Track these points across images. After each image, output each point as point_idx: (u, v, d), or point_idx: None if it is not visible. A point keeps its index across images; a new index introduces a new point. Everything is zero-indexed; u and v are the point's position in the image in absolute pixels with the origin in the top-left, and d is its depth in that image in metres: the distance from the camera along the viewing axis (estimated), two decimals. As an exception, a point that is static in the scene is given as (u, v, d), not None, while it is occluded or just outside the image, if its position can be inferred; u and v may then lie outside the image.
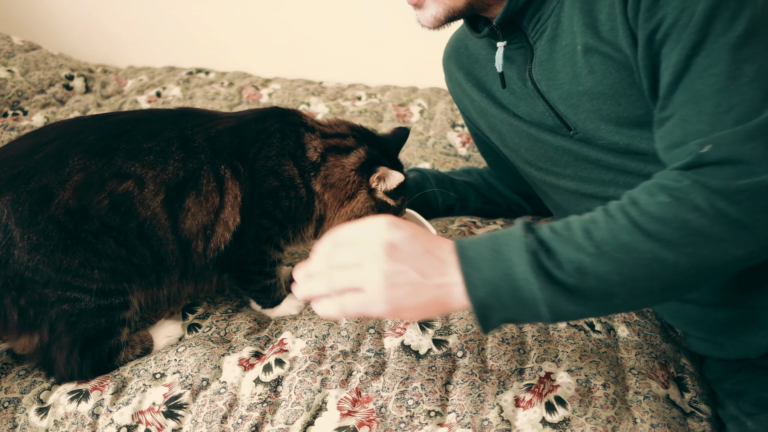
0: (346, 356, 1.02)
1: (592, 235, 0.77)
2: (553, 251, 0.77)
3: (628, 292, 0.77)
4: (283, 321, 1.12)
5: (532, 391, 0.96)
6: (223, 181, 1.06)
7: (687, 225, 0.75)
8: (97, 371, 1.03)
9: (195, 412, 0.96)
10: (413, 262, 0.79)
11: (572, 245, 0.77)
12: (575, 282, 0.76)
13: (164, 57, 2.50)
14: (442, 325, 1.07)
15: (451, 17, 1.02)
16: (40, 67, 2.16)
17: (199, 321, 1.14)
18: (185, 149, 1.04)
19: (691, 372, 1.05)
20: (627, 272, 0.76)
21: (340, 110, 2.06)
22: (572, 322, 1.09)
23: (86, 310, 0.99)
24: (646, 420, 0.92)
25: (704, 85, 0.80)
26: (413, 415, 0.93)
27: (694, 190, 0.77)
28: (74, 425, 0.96)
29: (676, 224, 0.76)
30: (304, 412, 0.94)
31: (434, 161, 1.74)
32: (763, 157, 0.76)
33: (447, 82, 1.34)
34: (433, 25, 1.02)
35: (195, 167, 1.04)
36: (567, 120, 1.04)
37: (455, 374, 0.99)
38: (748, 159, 0.76)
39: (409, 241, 0.80)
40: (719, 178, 0.76)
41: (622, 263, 0.75)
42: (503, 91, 1.15)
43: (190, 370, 1.01)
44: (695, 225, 0.75)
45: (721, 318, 0.99)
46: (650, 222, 0.76)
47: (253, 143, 1.09)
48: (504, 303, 0.77)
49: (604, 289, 0.76)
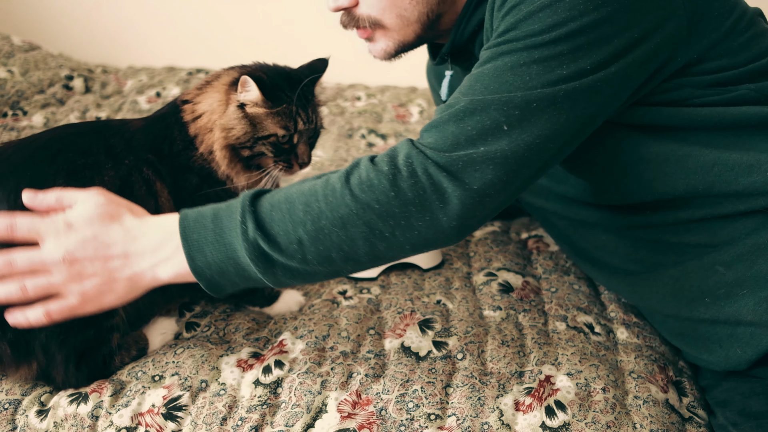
0: (346, 357, 1.02)
1: (310, 208, 0.83)
2: (272, 235, 0.83)
3: (343, 259, 0.84)
4: (282, 320, 1.12)
5: (532, 395, 0.96)
6: (151, 183, 1.05)
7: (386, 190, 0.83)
8: (94, 379, 1.03)
9: (194, 414, 0.96)
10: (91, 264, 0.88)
11: (291, 222, 0.83)
12: (296, 264, 0.84)
13: (164, 57, 2.49)
14: (442, 327, 1.07)
15: (401, 50, 1.04)
16: (40, 67, 2.15)
17: (197, 320, 1.14)
18: (113, 158, 1.03)
19: (689, 375, 1.04)
20: (328, 239, 0.83)
21: (340, 110, 2.06)
22: (571, 324, 1.09)
23: (74, 325, 0.97)
24: (645, 425, 0.92)
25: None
26: (413, 418, 0.93)
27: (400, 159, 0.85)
28: (74, 427, 0.96)
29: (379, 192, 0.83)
30: (304, 414, 0.94)
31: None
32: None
33: (432, 93, 1.38)
34: (383, 57, 1.05)
35: (125, 174, 1.03)
36: None
37: (455, 377, 0.99)
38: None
39: (84, 243, 0.88)
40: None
41: (319, 232, 0.83)
42: None
43: (188, 372, 1.01)
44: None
45: (702, 333, 0.98)
46: (359, 190, 0.83)
47: (164, 141, 1.08)
48: (231, 280, 0.87)
49: (324, 259, 0.84)
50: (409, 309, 1.11)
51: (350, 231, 0.82)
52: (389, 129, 1.95)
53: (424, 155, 0.83)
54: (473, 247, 1.31)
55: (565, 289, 1.18)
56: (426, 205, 0.81)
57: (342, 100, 2.13)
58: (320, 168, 1.73)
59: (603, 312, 1.14)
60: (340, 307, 1.13)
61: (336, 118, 2.01)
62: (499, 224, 1.40)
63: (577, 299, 1.15)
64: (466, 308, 1.12)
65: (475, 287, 1.19)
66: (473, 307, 1.12)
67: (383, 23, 1.00)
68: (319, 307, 1.14)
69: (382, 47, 1.03)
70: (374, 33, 1.02)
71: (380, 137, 1.92)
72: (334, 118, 2.00)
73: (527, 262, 1.27)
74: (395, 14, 0.98)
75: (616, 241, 1.06)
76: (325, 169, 1.71)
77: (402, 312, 1.11)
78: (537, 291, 1.18)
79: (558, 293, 1.17)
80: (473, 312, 1.11)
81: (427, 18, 0.99)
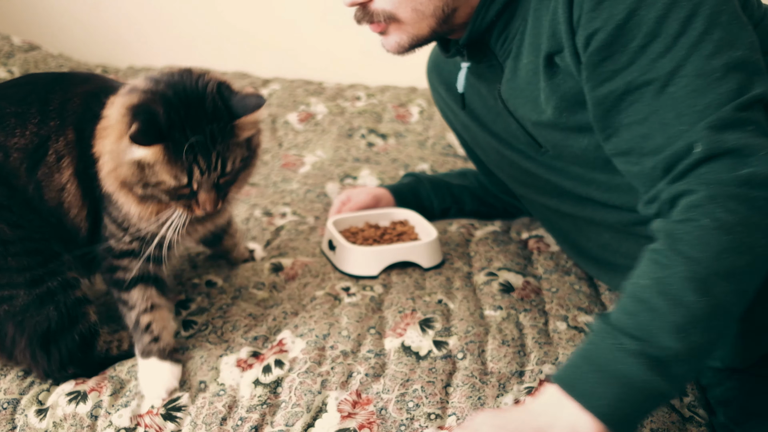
0: (347, 357, 1.02)
1: (667, 293, 0.76)
2: (650, 338, 0.75)
3: (725, 316, 0.77)
4: (282, 317, 1.12)
5: (532, 395, 0.95)
6: (60, 156, 0.95)
7: (732, 225, 0.76)
8: (80, 364, 0.99)
9: (194, 414, 0.95)
10: None
11: (660, 318, 0.75)
12: (685, 347, 0.74)
13: (164, 57, 2.49)
14: (442, 327, 1.07)
15: (415, 44, 1.04)
16: (40, 67, 2.15)
17: (195, 317, 1.13)
18: (41, 114, 0.94)
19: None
20: (719, 303, 0.75)
21: (340, 110, 2.06)
22: (572, 324, 1.09)
23: (27, 304, 0.92)
24: (646, 425, 0.92)
25: (676, 87, 0.81)
26: (413, 417, 0.92)
27: (712, 195, 0.77)
28: (73, 427, 0.96)
29: (726, 230, 0.75)
30: (304, 414, 0.94)
31: (433, 162, 1.74)
32: (746, 145, 0.77)
33: (432, 93, 1.36)
34: (397, 51, 1.04)
35: (44, 135, 0.94)
36: (536, 138, 1.06)
37: (455, 376, 0.99)
38: (736, 148, 0.77)
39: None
40: (722, 171, 0.77)
41: (709, 299, 0.75)
42: (482, 108, 1.18)
43: (188, 373, 1.01)
44: (739, 220, 0.76)
45: None
46: (702, 248, 0.76)
47: (89, 122, 0.94)
48: (637, 408, 0.76)
49: (710, 332, 0.76)
50: (410, 308, 1.11)
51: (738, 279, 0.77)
52: (389, 129, 1.95)
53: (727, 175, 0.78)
54: (474, 247, 1.31)
55: (565, 289, 1.18)
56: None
57: (342, 100, 2.13)
58: (320, 167, 1.73)
59: (604, 312, 1.13)
60: (342, 305, 1.13)
61: (336, 117, 2.01)
62: (500, 224, 1.40)
63: (578, 299, 1.15)
64: (467, 308, 1.11)
65: (475, 287, 1.19)
66: (474, 306, 1.12)
67: (398, 17, 0.99)
68: (321, 302, 1.14)
69: (396, 41, 1.03)
70: (388, 27, 1.02)
71: (380, 137, 1.92)
72: (334, 118, 2.00)
73: (528, 262, 1.27)
74: (410, 8, 0.98)
75: (620, 240, 1.06)
76: (325, 169, 1.71)
77: (403, 311, 1.10)
78: (538, 291, 1.18)
79: (559, 293, 1.17)
80: (474, 312, 1.11)
81: (442, 12, 0.99)
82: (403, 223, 1.33)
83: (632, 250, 1.03)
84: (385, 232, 1.30)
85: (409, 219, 1.34)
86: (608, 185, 1.01)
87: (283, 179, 1.66)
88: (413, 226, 1.32)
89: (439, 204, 1.42)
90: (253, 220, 1.44)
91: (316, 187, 1.61)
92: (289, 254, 1.30)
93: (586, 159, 1.00)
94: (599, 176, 1.01)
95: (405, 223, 1.33)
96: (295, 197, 1.57)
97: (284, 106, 2.11)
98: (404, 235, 1.29)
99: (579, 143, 0.99)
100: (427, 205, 1.42)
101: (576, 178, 1.05)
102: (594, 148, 0.96)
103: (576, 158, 1.02)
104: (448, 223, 1.39)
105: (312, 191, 1.60)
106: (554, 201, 1.12)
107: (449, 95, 1.26)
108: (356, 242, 1.26)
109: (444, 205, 1.43)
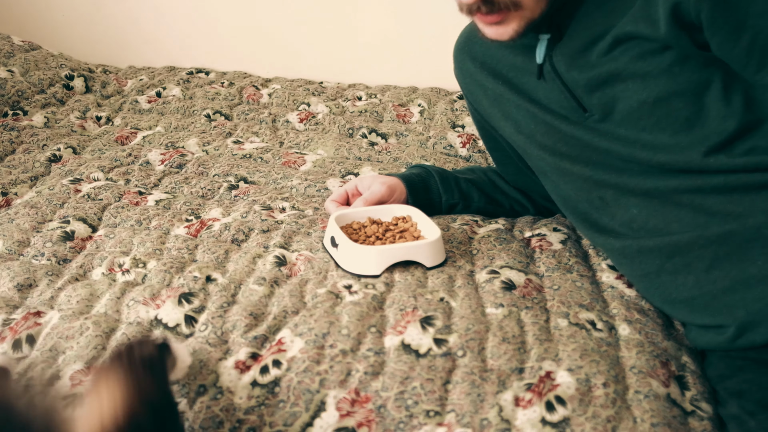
0: (345, 355, 1.01)
1: None
2: None
3: None
4: (283, 315, 1.11)
5: (531, 391, 0.95)
6: None
7: None
8: None
9: (192, 419, 0.95)
10: None
11: None
12: None
13: (164, 57, 2.50)
14: (443, 324, 1.06)
15: (528, 29, 1.05)
16: (40, 67, 2.16)
17: (195, 314, 1.13)
18: None
19: (692, 370, 1.04)
20: None
21: (340, 110, 2.06)
22: (573, 321, 1.08)
23: None
24: (646, 419, 0.92)
25: None
26: (412, 414, 0.92)
27: None
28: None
29: None
30: (303, 414, 0.93)
31: (434, 162, 1.74)
32: None
33: (457, 73, 1.37)
34: (510, 38, 1.05)
35: None
36: (583, 102, 1.07)
37: (455, 373, 0.98)
38: None
39: None
40: None
41: None
42: (521, 78, 1.20)
43: (187, 378, 1.00)
44: None
45: (718, 287, 0.98)
46: None
47: None
48: None
49: None
50: (411, 306, 1.10)
51: None
52: (390, 129, 1.95)
53: None
54: (476, 245, 1.30)
55: (567, 287, 1.17)
56: None
57: (342, 99, 2.13)
58: (321, 165, 1.73)
59: (605, 309, 1.13)
60: (343, 303, 1.12)
61: (337, 117, 2.01)
62: (503, 222, 1.40)
63: (579, 296, 1.15)
64: (469, 305, 1.11)
65: (477, 285, 1.18)
66: (476, 304, 1.12)
67: (521, 3, 1.01)
68: (322, 300, 1.13)
69: (513, 28, 1.04)
70: (508, 15, 1.03)
71: (381, 137, 1.92)
72: (335, 118, 2.01)
73: (530, 260, 1.27)
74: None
75: (648, 214, 1.07)
76: (327, 167, 1.71)
77: (404, 309, 1.10)
78: (539, 288, 1.17)
79: (560, 291, 1.16)
80: (475, 309, 1.10)
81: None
82: (405, 219, 1.32)
83: (660, 225, 1.05)
84: (387, 229, 1.29)
85: (412, 215, 1.33)
86: (653, 144, 1.02)
87: (283, 176, 1.66)
88: (416, 223, 1.31)
89: (447, 199, 1.42)
90: (252, 213, 1.44)
91: (318, 182, 1.62)
92: (291, 248, 1.30)
93: (633, 118, 1.02)
94: (645, 136, 1.03)
95: (407, 219, 1.32)
96: (294, 192, 1.57)
97: (285, 105, 2.11)
98: (407, 233, 1.28)
99: (638, 96, 1.01)
100: (436, 200, 1.42)
101: (621, 139, 1.06)
102: (652, 101, 0.99)
103: (623, 119, 1.04)
104: (451, 219, 1.39)
105: (312, 186, 1.61)
106: (589, 168, 1.13)
107: (483, 70, 1.28)
108: (359, 240, 1.25)
109: (452, 201, 1.43)
